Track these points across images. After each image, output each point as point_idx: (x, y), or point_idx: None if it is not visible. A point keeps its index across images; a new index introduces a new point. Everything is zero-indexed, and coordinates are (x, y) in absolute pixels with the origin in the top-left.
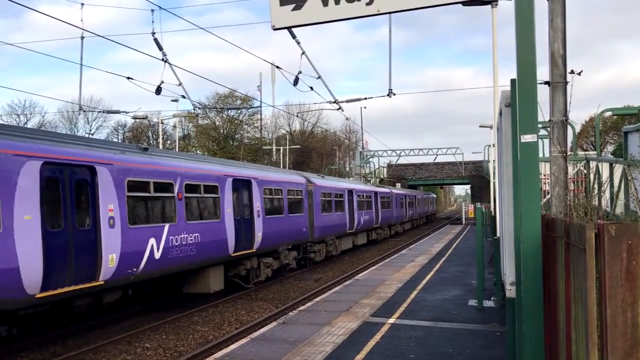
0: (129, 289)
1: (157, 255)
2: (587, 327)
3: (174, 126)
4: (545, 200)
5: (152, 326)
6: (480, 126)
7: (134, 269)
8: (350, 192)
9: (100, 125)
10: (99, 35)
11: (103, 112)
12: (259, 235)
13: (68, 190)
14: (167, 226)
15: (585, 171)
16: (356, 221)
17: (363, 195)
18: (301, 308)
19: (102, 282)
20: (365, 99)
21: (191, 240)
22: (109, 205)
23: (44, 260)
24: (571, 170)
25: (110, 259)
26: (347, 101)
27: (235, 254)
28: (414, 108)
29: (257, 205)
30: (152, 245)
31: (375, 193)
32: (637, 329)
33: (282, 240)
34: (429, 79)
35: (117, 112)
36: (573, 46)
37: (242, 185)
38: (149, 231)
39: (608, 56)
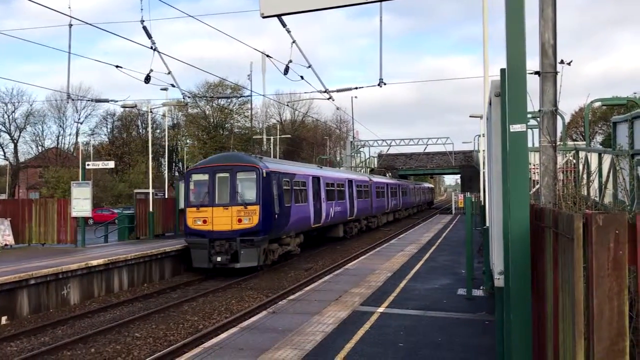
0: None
1: (335, 214)
2: (574, 316)
3: (164, 115)
4: (534, 189)
5: (142, 315)
6: (470, 116)
7: (329, 218)
8: (386, 185)
9: (89, 114)
10: (87, 23)
11: (92, 100)
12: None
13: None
14: (335, 201)
15: (574, 161)
16: (390, 204)
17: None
18: (291, 297)
19: (322, 223)
20: (356, 88)
21: (337, 208)
22: (320, 192)
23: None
24: (560, 160)
25: (319, 216)
26: (338, 91)
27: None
28: (408, 97)
29: (323, 194)
30: (332, 209)
31: (387, 184)
32: (622, 318)
33: (339, 218)
34: (425, 67)
35: (106, 100)
36: (569, 36)
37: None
38: (324, 204)
39: (605, 46)
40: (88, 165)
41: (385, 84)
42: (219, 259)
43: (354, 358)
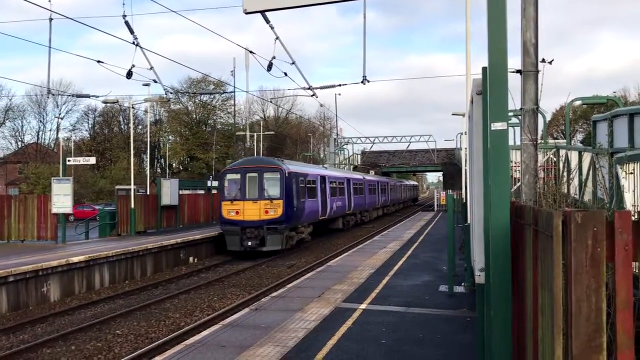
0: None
1: (337, 208)
2: (553, 313)
3: (146, 111)
4: (515, 187)
5: (123, 313)
6: (453, 114)
7: (334, 211)
8: (378, 182)
9: (70, 110)
10: (67, 17)
11: (73, 96)
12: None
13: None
14: (337, 197)
15: (555, 159)
16: (380, 200)
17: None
18: (274, 294)
19: (327, 216)
20: (340, 85)
21: (337, 203)
22: (326, 189)
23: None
24: (541, 158)
25: (326, 209)
26: (322, 87)
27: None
28: (392, 94)
29: (328, 191)
30: (334, 204)
31: (378, 182)
32: (600, 314)
33: (342, 211)
34: (411, 65)
35: (87, 96)
36: (551, 35)
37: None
38: (330, 199)
39: (586, 45)
40: (69, 161)
41: (368, 81)
42: (249, 243)
43: (336, 355)
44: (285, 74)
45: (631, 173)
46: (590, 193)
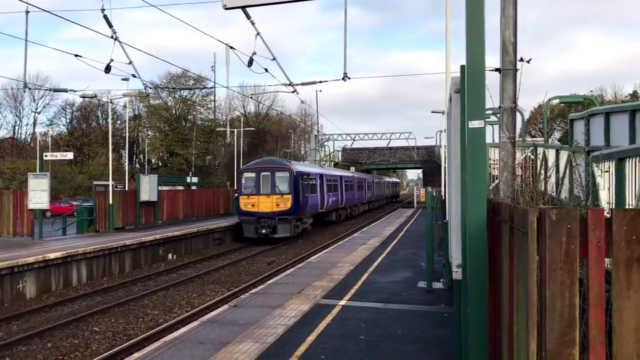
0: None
1: (332, 202)
2: (527, 308)
3: (124, 106)
4: (494, 184)
5: (101, 309)
6: (432, 111)
7: (329, 205)
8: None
9: (47, 104)
10: (44, 10)
11: (50, 90)
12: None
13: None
14: (331, 193)
15: (532, 157)
16: (367, 196)
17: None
18: (253, 291)
19: (324, 210)
20: (321, 82)
21: (332, 199)
22: (323, 186)
23: (319, 201)
24: (519, 156)
25: (323, 203)
26: (302, 84)
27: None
28: (374, 91)
29: (325, 188)
30: (330, 199)
31: (365, 179)
32: (573, 310)
33: (335, 206)
34: (392, 62)
35: (65, 90)
36: (531, 34)
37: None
38: (327, 195)
39: (566, 44)
40: (46, 156)
41: (349, 78)
42: (263, 231)
43: (315, 351)
44: (266, 70)
45: (607, 171)
46: (567, 191)
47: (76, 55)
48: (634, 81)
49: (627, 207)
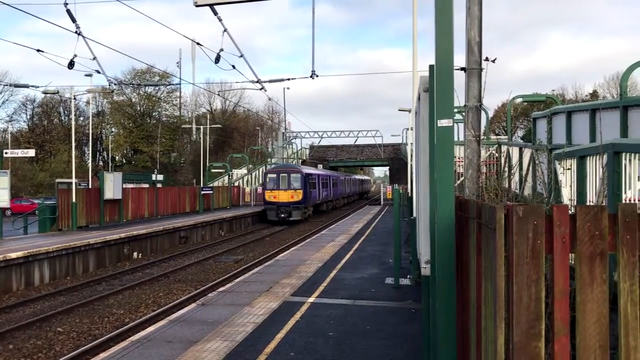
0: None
1: (324, 196)
2: (495, 302)
3: (88, 102)
4: (459, 182)
5: (65, 309)
6: (399, 109)
7: (323, 198)
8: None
9: (7, 100)
10: (4, 4)
11: (9, 85)
12: (326, 195)
13: (310, 181)
14: (324, 189)
15: (497, 155)
16: (346, 191)
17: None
18: (221, 289)
19: (319, 202)
20: (289, 79)
21: (324, 193)
22: (319, 183)
23: (317, 195)
24: (484, 154)
25: (319, 197)
26: (270, 81)
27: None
28: (343, 89)
29: (320, 185)
30: (323, 193)
31: (345, 177)
32: (539, 304)
33: (326, 199)
34: (362, 60)
35: (26, 86)
36: (500, 33)
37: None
38: (321, 190)
39: (533, 44)
40: (6, 153)
41: (317, 76)
42: (282, 215)
43: (284, 348)
44: (234, 66)
45: (568, 169)
46: (530, 188)
47: (38, 50)
48: (593, 81)
49: (588, 203)
